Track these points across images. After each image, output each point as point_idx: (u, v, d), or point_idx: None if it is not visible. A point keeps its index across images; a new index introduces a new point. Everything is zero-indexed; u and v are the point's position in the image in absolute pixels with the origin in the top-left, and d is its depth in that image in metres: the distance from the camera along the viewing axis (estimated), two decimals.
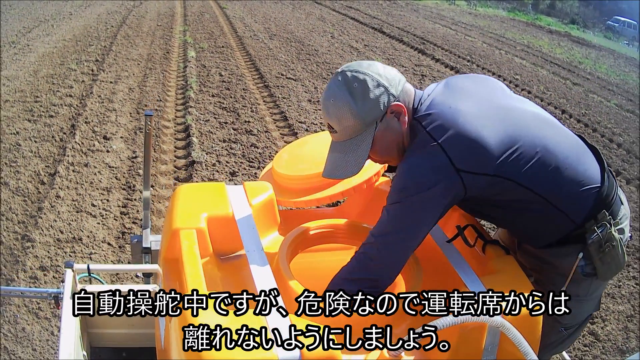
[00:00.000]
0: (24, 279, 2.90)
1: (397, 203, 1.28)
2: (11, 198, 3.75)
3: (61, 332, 1.48)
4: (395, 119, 1.34)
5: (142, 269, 2.11)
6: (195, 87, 6.42)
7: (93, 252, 3.17)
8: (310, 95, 6.56)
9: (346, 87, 1.29)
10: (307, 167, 1.57)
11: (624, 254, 1.42)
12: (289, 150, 1.75)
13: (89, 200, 3.71)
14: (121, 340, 1.89)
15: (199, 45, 8.86)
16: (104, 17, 11.20)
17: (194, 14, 12.34)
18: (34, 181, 4.00)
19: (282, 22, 12.28)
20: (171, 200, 1.52)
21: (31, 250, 3.13)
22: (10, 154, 4.41)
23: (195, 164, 4.29)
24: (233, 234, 1.41)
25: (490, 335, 1.20)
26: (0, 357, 2.34)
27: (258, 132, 5.17)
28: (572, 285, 1.43)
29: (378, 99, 1.30)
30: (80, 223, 3.44)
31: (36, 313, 2.69)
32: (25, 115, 5.27)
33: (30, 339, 2.54)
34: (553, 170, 1.35)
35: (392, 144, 1.37)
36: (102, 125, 5.06)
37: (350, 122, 1.31)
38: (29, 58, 7.48)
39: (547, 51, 15.47)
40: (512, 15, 27.14)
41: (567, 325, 1.51)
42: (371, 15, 15.35)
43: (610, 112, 8.89)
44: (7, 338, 2.53)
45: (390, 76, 1.33)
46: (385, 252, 1.28)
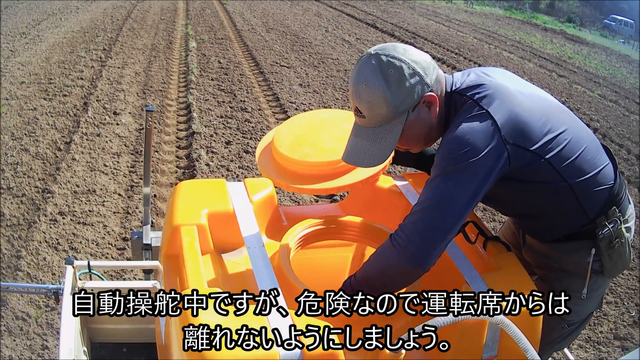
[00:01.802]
0: (45, 222, 3.41)
1: (449, 171, 1.22)
2: (32, 161, 4.27)
3: (61, 328, 1.46)
4: (427, 108, 1.30)
5: (142, 266, 2.10)
6: (196, 72, 6.94)
7: (105, 201, 3.69)
8: (301, 80, 7.09)
9: (381, 73, 1.23)
10: (313, 152, 1.51)
11: (630, 252, 1.43)
12: (289, 128, 1.67)
13: (101, 162, 4.24)
14: (122, 335, 1.88)
15: (199, 37, 9.39)
16: (109, 11, 11.73)
17: (195, 9, 12.87)
18: (51, 148, 4.52)
19: (280, 17, 12.81)
20: (172, 197, 1.52)
21: (51, 199, 3.65)
22: (29, 126, 4.93)
23: (195, 135, 4.81)
24: (234, 230, 1.39)
25: (491, 332, 1.20)
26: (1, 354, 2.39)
27: (252, 109, 5.69)
28: (579, 281, 1.43)
29: (413, 88, 1.25)
30: (94, 179, 3.96)
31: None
32: (41, 95, 5.79)
33: (50, 267, 3.05)
34: (579, 160, 1.34)
35: (420, 134, 1.34)
36: (112, 103, 5.59)
37: (382, 110, 1.25)
38: (41, 47, 8.01)
39: (538, 47, 15.62)
40: (508, 13, 27.37)
41: (571, 322, 1.51)
42: (366, 12, 15.86)
43: (592, 101, 9.21)
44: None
45: (426, 64, 1.27)
46: (437, 222, 1.21)
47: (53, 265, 3.03)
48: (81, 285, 1.71)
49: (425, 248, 1.19)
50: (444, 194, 1.22)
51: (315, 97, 6.43)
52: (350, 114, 1.61)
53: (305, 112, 1.74)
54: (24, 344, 2.51)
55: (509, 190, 1.36)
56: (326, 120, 1.66)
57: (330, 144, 1.51)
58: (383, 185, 1.67)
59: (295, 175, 1.51)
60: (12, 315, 2.65)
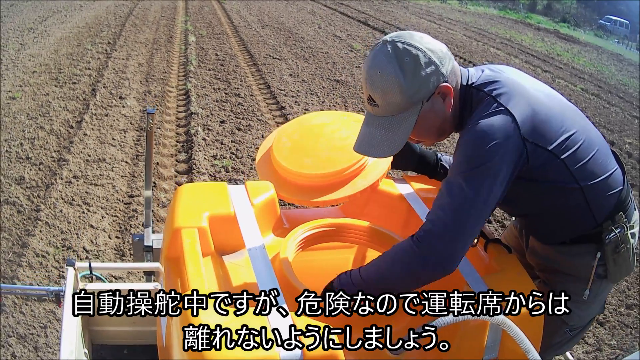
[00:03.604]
0: (61, 184, 3.92)
1: (470, 172, 1.20)
2: (47, 136, 4.80)
3: (62, 330, 1.48)
4: (441, 100, 1.28)
5: (143, 268, 2.13)
6: (194, 63, 7.49)
7: (114, 167, 4.22)
8: (291, 70, 7.65)
9: (396, 60, 1.21)
10: (313, 164, 1.52)
11: (634, 258, 1.43)
12: (288, 133, 1.66)
13: (109, 137, 4.78)
14: (122, 337, 1.89)
15: (198, 32, 9.94)
16: (112, 8, 12.28)
17: (194, 7, 13.43)
18: (64, 126, 5.05)
19: (275, 15, 13.37)
20: (173, 200, 1.52)
21: (66, 166, 4.18)
22: (43, 108, 5.47)
23: (192, 115, 5.36)
24: (235, 233, 1.40)
25: (492, 334, 1.19)
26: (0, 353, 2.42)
27: (245, 95, 6.24)
28: (582, 285, 1.43)
29: (429, 78, 1.23)
30: (103, 150, 4.50)
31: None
32: (52, 83, 6.33)
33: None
34: (591, 163, 1.33)
35: (434, 125, 1.32)
36: (118, 89, 6.13)
37: (396, 99, 1.23)
38: (49, 40, 8.54)
39: (528, 45, 15.64)
40: (502, 13, 27.48)
41: (573, 326, 1.50)
42: (360, 10, 16.40)
43: (573, 94, 9.40)
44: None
45: (442, 54, 1.25)
46: (461, 226, 1.18)
47: (68, 216, 3.56)
48: (82, 287, 1.71)
49: (452, 252, 1.18)
50: (467, 195, 1.19)
51: (303, 85, 6.97)
52: (351, 118, 1.67)
53: (304, 115, 1.76)
54: (43, 274, 3.03)
55: (520, 189, 1.32)
56: (326, 125, 1.65)
57: (329, 153, 1.52)
58: (383, 188, 1.65)
59: (295, 187, 1.53)
60: (32, 253, 3.16)
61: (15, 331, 2.53)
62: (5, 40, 8.23)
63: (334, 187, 1.50)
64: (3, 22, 9.62)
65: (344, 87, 7.10)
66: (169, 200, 3.85)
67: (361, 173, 1.53)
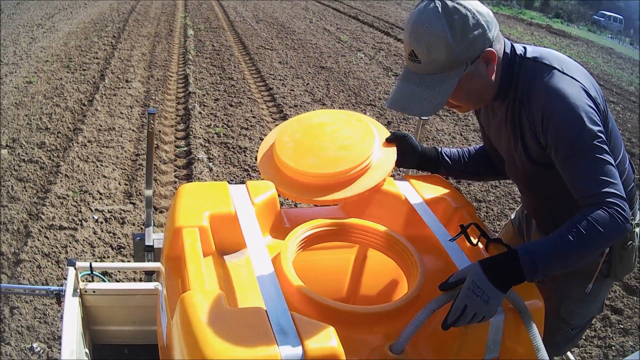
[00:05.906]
0: (77, 146, 4.62)
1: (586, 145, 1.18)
2: (63, 112, 5.50)
3: (63, 330, 1.49)
4: (485, 65, 1.25)
5: (144, 267, 2.14)
6: (192, 53, 8.21)
7: (123, 134, 4.94)
8: (280, 59, 8.38)
9: (445, 17, 1.18)
10: (318, 163, 1.53)
11: (637, 256, 1.44)
12: (289, 133, 1.67)
13: (118, 111, 5.49)
14: (123, 337, 1.90)
15: (197, 26, 10.67)
16: (115, 6, 13.02)
17: (193, 3, 14.18)
18: (78, 103, 5.77)
19: (270, 11, 14.09)
20: (174, 199, 1.52)
21: (81, 133, 4.88)
22: (57, 90, 6.18)
23: (190, 94, 6.07)
24: (236, 232, 1.40)
25: (493, 334, 1.20)
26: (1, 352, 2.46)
27: (237, 79, 6.96)
28: (584, 282, 1.44)
29: (476, 40, 1.21)
30: (113, 121, 5.22)
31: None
32: (64, 70, 7.05)
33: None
34: (623, 156, 1.35)
35: (475, 90, 1.29)
36: (124, 74, 6.85)
37: (441, 56, 1.20)
38: (57, 35, 9.26)
39: (515, 38, 15.66)
40: (495, 9, 27.71)
41: (575, 325, 1.51)
42: (351, 6, 17.09)
43: None
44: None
45: (490, 18, 1.22)
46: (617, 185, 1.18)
47: (84, 170, 4.25)
48: (83, 286, 1.73)
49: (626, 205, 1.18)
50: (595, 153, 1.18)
51: (290, 71, 7.67)
52: (352, 116, 1.70)
53: (303, 114, 1.81)
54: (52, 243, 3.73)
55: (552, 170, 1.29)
56: (327, 125, 1.67)
57: (333, 152, 1.54)
58: (385, 187, 1.63)
59: (301, 186, 1.53)
60: (54, 196, 3.86)
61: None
62: (17, 35, 8.95)
63: (340, 187, 1.52)
64: (12, 19, 10.34)
65: (328, 72, 7.80)
66: (169, 159, 4.56)
67: (366, 173, 1.54)
